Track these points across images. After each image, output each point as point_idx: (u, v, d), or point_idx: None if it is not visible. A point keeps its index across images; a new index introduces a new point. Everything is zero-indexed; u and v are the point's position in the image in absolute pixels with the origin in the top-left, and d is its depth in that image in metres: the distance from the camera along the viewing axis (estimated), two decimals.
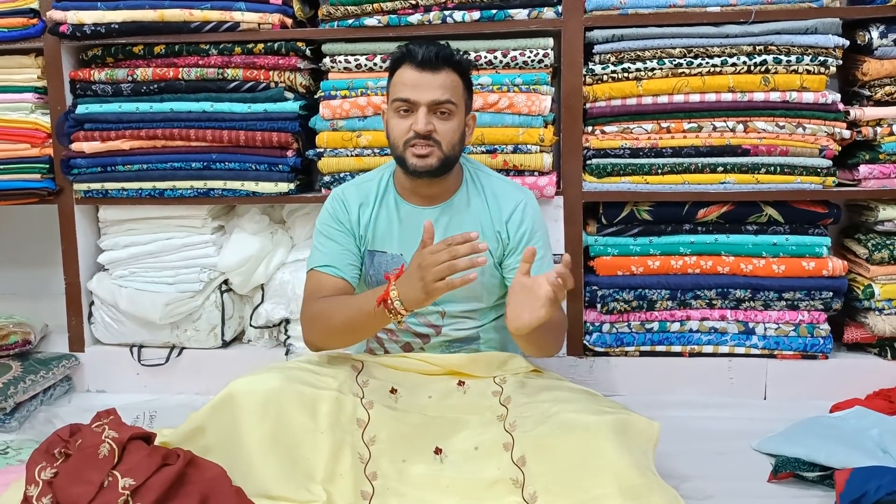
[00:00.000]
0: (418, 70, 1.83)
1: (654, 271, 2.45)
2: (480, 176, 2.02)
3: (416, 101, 1.83)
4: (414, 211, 1.96)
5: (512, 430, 1.71)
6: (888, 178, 2.39)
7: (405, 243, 1.95)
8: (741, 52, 2.36)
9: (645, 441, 1.73)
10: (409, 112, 1.85)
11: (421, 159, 1.84)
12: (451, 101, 1.84)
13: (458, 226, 1.93)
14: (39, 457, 1.62)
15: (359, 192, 2.01)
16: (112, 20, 2.51)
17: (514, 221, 1.96)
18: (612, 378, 2.52)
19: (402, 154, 1.86)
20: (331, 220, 1.99)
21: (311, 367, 1.85)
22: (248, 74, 2.51)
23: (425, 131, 1.82)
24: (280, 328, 2.66)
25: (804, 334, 2.44)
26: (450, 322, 1.98)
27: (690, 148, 2.40)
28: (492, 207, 1.97)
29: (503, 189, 2.01)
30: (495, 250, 1.96)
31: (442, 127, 1.84)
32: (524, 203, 1.98)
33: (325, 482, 1.66)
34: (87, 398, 2.64)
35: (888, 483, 1.67)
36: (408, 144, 1.84)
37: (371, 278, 1.99)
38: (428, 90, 1.82)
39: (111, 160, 2.58)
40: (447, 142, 1.85)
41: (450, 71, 1.85)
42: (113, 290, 2.65)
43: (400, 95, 1.84)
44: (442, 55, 1.84)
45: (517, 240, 1.96)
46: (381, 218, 1.98)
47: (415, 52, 1.83)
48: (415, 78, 1.83)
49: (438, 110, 1.84)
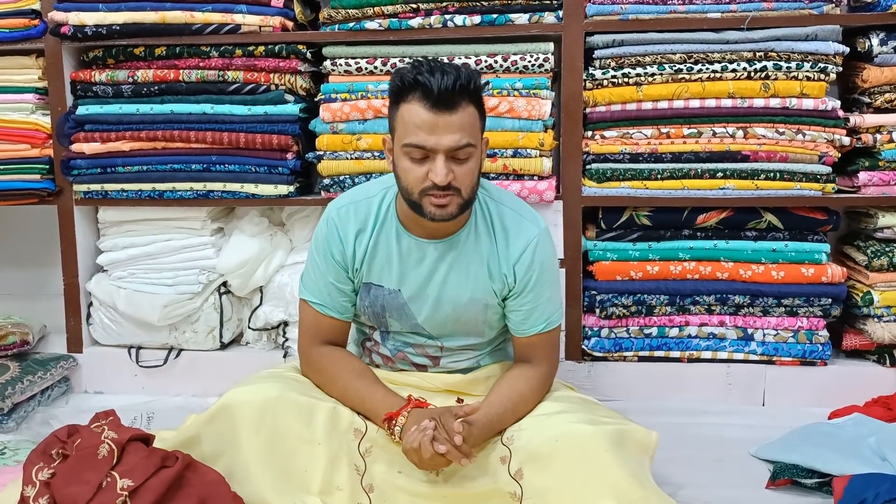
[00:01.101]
0: (434, 111, 1.58)
1: (653, 276, 2.45)
2: (491, 206, 1.82)
3: (434, 149, 1.60)
4: (416, 244, 1.78)
5: (509, 444, 1.70)
6: (888, 185, 2.39)
7: (404, 279, 1.80)
8: (741, 58, 2.36)
9: (642, 451, 1.72)
10: (425, 159, 1.63)
11: (440, 209, 1.65)
12: (470, 143, 1.62)
13: (464, 264, 1.79)
14: (37, 457, 1.61)
15: (357, 215, 1.81)
16: (113, 21, 2.51)
17: (522, 264, 1.78)
18: (611, 383, 2.51)
19: (418, 202, 1.66)
20: (324, 248, 1.82)
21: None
22: (248, 77, 2.51)
23: (446, 183, 1.61)
24: (278, 330, 2.65)
25: (803, 341, 2.44)
26: (449, 354, 1.90)
27: (690, 153, 2.40)
28: (500, 246, 1.79)
29: (515, 223, 1.80)
30: (500, 291, 1.81)
31: (461, 171, 1.63)
32: (535, 242, 1.78)
33: (322, 493, 1.66)
34: (85, 399, 2.64)
35: (886, 490, 1.67)
36: (424, 193, 1.64)
37: (367, 309, 1.86)
38: (446, 134, 1.59)
39: (111, 161, 2.58)
40: (466, 186, 1.65)
41: (467, 104, 1.61)
42: (111, 291, 2.65)
43: (413, 141, 1.61)
44: (459, 88, 1.58)
45: (523, 283, 1.79)
46: (380, 249, 1.80)
47: (428, 86, 1.57)
48: (430, 120, 1.59)
49: (458, 155, 1.62)
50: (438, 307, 1.81)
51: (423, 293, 1.80)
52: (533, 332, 1.82)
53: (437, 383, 1.87)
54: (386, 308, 1.83)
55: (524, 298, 1.80)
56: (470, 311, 1.82)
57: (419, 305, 1.82)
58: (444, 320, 1.83)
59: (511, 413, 1.73)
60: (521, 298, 1.80)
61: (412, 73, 1.60)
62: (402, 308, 1.82)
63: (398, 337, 1.89)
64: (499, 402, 1.71)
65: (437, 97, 1.58)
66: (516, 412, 1.73)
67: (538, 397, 1.79)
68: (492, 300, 1.82)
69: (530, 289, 1.79)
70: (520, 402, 1.74)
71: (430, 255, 1.79)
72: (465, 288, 1.80)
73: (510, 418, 1.72)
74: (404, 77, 1.61)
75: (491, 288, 1.80)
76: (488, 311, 1.83)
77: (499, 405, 1.71)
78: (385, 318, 1.85)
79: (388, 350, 1.92)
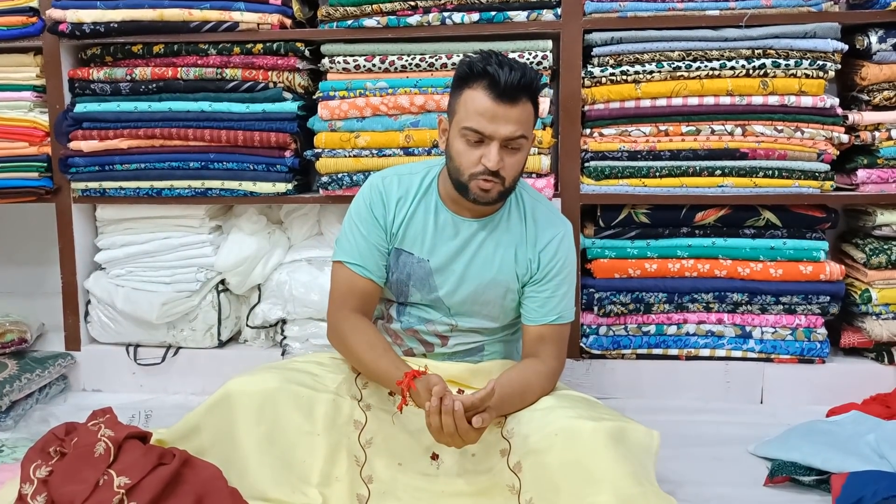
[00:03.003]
0: (497, 102, 1.69)
1: (651, 274, 2.45)
2: (526, 199, 1.93)
3: (492, 136, 1.71)
4: (453, 220, 1.88)
5: (509, 437, 1.71)
6: (886, 183, 2.39)
7: (435, 249, 1.87)
8: (740, 55, 2.36)
9: (643, 450, 1.72)
10: (481, 143, 1.73)
11: (484, 193, 1.76)
12: (524, 136, 1.74)
13: (494, 242, 1.88)
14: (34, 455, 1.62)
15: (400, 184, 1.91)
16: (111, 19, 2.50)
17: (547, 252, 1.88)
18: (609, 381, 2.51)
19: (467, 183, 1.76)
20: (366, 210, 1.89)
21: (310, 367, 1.85)
22: (246, 74, 2.51)
23: (497, 169, 1.72)
24: (277, 328, 2.65)
25: (801, 338, 2.45)
26: (458, 335, 1.94)
27: (689, 151, 2.40)
28: (529, 232, 1.90)
29: (545, 216, 1.92)
30: (522, 276, 1.89)
31: (511, 161, 1.74)
32: (562, 235, 1.90)
33: (321, 485, 1.66)
34: (83, 397, 2.64)
35: (884, 488, 1.67)
36: (474, 176, 1.74)
37: (392, 275, 1.91)
38: (504, 124, 1.70)
39: (109, 159, 2.58)
40: (511, 176, 1.76)
41: (527, 100, 1.73)
42: (110, 289, 2.64)
43: (474, 126, 1.71)
44: (523, 84, 1.70)
45: (545, 271, 1.88)
46: (417, 218, 1.88)
47: (497, 77, 1.68)
48: (492, 109, 1.69)
49: (511, 145, 1.73)
50: (461, 283, 1.87)
51: (450, 267, 1.87)
52: (545, 321, 1.86)
53: (440, 374, 1.87)
54: (411, 276, 1.88)
55: (543, 286, 1.88)
56: (490, 292, 1.89)
57: (444, 278, 1.87)
58: (464, 298, 1.88)
59: (519, 398, 1.74)
60: (540, 285, 1.88)
61: (482, 63, 1.71)
62: (427, 278, 1.87)
63: (414, 311, 1.93)
64: (508, 384, 1.72)
65: (502, 89, 1.68)
66: (524, 398, 1.76)
67: (543, 392, 1.80)
68: (513, 284, 1.89)
69: (550, 278, 1.88)
70: (527, 390, 1.76)
71: (464, 231, 1.87)
72: (490, 268, 1.88)
73: (517, 402, 1.74)
74: (473, 66, 1.72)
75: (515, 271, 1.89)
76: (507, 296, 1.90)
77: (508, 387, 1.72)
78: (408, 286, 1.89)
79: (399, 325, 1.95)
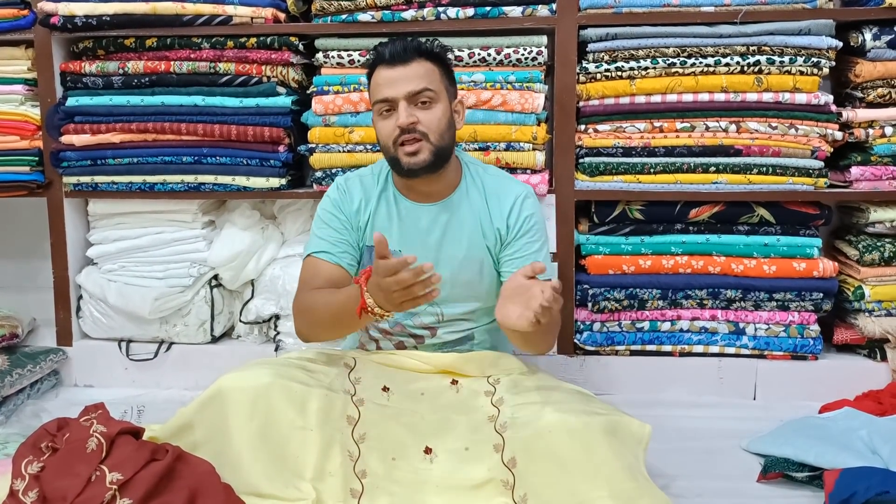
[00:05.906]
0: (390, 67, 1.82)
1: (645, 271, 2.46)
2: (479, 171, 2.01)
3: (395, 98, 1.81)
4: (413, 207, 1.95)
5: (503, 432, 1.70)
6: (879, 180, 2.39)
7: (404, 240, 1.94)
8: (735, 52, 2.36)
9: (636, 443, 1.72)
10: (392, 111, 1.83)
11: (412, 157, 1.82)
12: (428, 88, 1.82)
13: (458, 223, 1.93)
14: (26, 450, 1.60)
15: (362, 184, 1.99)
16: (104, 12, 2.49)
17: (513, 215, 1.94)
18: (603, 377, 2.52)
19: (395, 155, 1.84)
20: (332, 207, 1.96)
21: (303, 363, 1.84)
22: (240, 69, 2.50)
23: (408, 123, 1.80)
24: (270, 324, 2.65)
25: (794, 335, 2.45)
26: (446, 325, 1.98)
27: (683, 147, 2.40)
28: (491, 205, 1.96)
29: (502, 185, 1.99)
30: (493, 247, 1.95)
31: (426, 116, 1.82)
32: (524, 196, 1.97)
33: (315, 480, 1.65)
34: (75, 392, 2.63)
35: (877, 483, 1.67)
36: (397, 143, 1.82)
37: None
38: (402, 83, 1.81)
39: (101, 153, 2.57)
40: (434, 131, 1.82)
41: (422, 60, 1.84)
42: (102, 284, 2.63)
43: (378, 97, 1.84)
44: (410, 47, 1.83)
45: (514, 232, 1.94)
46: (381, 213, 1.96)
47: (382, 51, 1.84)
48: (388, 75, 1.82)
49: (419, 101, 1.82)
50: (436, 267, 1.84)
51: (422, 253, 1.86)
52: None
53: (432, 364, 1.90)
54: None
55: (515, 245, 1.94)
56: (466, 271, 1.94)
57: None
58: (443, 282, 1.85)
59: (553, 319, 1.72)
60: (511, 247, 1.94)
61: (373, 49, 1.88)
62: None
63: None
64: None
65: (390, 56, 1.83)
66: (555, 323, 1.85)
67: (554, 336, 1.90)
68: (486, 258, 1.95)
69: (520, 236, 1.94)
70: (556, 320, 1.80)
71: (426, 217, 1.94)
72: (460, 247, 1.94)
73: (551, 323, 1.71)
74: (370, 54, 1.89)
75: (485, 245, 1.95)
76: (483, 270, 1.96)
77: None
78: None
79: (387, 324, 1.97)
